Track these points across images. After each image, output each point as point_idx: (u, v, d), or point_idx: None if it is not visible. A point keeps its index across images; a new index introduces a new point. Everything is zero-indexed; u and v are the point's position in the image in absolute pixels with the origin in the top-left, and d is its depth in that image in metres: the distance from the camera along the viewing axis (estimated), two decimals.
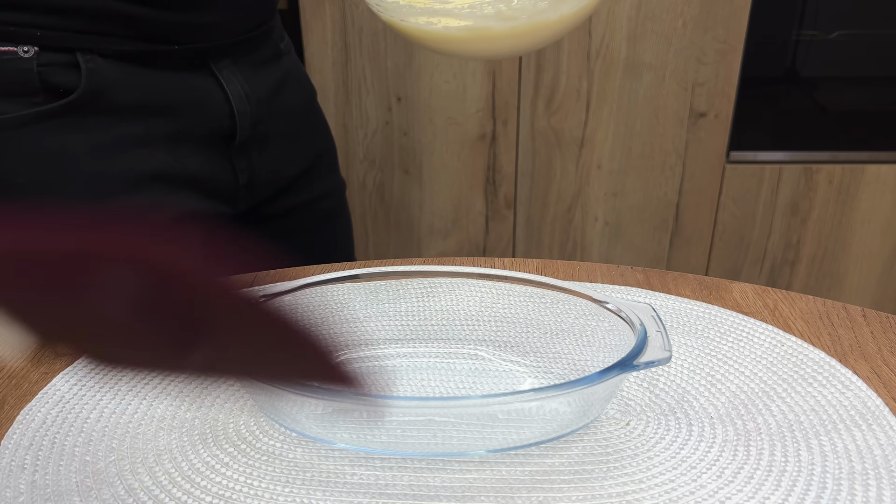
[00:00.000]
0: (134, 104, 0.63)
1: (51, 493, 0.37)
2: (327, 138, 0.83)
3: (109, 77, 0.61)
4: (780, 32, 1.50)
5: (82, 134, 0.61)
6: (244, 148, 0.70)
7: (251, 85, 0.69)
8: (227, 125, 0.68)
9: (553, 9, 0.51)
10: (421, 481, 0.38)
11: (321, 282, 0.49)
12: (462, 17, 0.51)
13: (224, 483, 0.38)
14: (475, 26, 0.51)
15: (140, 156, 0.64)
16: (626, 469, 0.39)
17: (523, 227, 1.55)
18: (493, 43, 0.53)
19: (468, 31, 0.52)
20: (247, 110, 0.69)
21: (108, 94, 0.61)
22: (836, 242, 1.54)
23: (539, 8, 0.50)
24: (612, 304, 0.44)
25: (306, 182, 0.79)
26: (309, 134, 0.79)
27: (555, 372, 0.47)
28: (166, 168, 0.66)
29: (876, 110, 1.55)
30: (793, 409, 0.43)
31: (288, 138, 0.75)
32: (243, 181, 0.72)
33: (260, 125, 0.71)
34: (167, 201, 0.66)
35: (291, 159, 0.76)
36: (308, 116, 0.79)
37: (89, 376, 0.46)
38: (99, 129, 0.62)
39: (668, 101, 1.43)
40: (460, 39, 0.53)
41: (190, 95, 0.66)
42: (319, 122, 0.82)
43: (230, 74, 0.68)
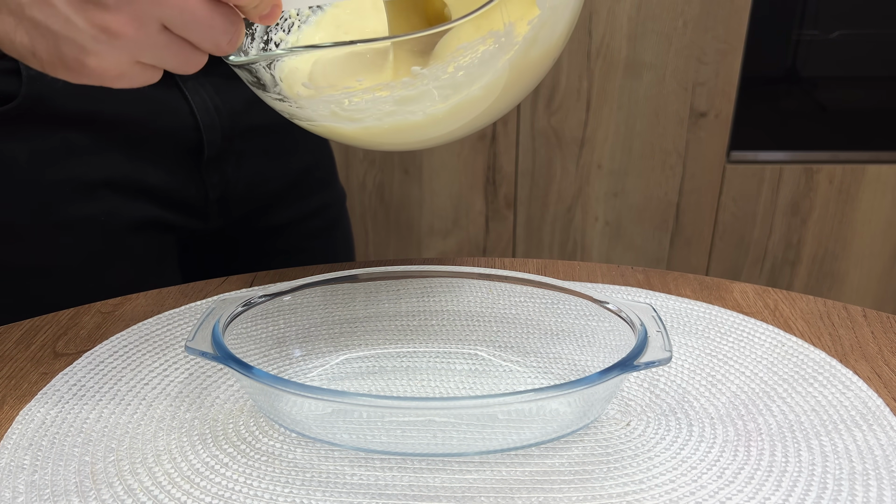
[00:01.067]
0: (80, 113, 0.61)
1: (50, 494, 0.37)
2: (322, 152, 0.79)
3: (52, 85, 0.59)
4: (781, 32, 1.50)
5: (23, 141, 0.60)
6: (217, 162, 0.68)
7: (223, 97, 0.67)
8: (193, 138, 0.66)
9: (406, 110, 0.43)
10: (421, 481, 0.38)
11: (321, 282, 0.48)
12: (299, 114, 0.45)
13: (224, 483, 0.38)
14: (321, 124, 0.45)
15: (91, 163, 0.62)
16: (627, 469, 0.39)
17: (523, 227, 1.55)
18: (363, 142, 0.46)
19: (321, 127, 0.45)
20: (215, 123, 0.66)
21: (52, 101, 0.59)
22: (836, 242, 1.53)
23: (384, 110, 0.43)
24: (613, 304, 0.44)
25: (294, 199, 0.75)
26: (298, 148, 0.75)
27: (555, 372, 0.47)
28: (122, 176, 0.64)
29: (877, 110, 1.55)
30: (793, 409, 0.43)
31: (271, 153, 0.72)
32: (214, 196, 0.69)
33: (236, 139, 0.68)
34: (123, 208, 0.64)
35: (272, 175, 0.72)
36: (297, 131, 0.76)
37: (89, 377, 0.46)
38: (41, 137, 0.60)
39: (669, 101, 1.43)
40: (327, 135, 0.47)
41: (146, 106, 0.63)
42: (311, 137, 0.79)
43: (197, 86, 0.65)
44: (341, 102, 0.42)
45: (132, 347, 0.49)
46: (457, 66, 0.41)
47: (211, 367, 0.47)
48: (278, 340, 0.48)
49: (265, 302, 0.46)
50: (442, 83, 0.41)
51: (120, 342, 0.50)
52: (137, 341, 0.50)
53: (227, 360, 0.39)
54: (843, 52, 1.50)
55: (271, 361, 0.47)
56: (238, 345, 0.44)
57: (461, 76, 0.41)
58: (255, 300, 0.46)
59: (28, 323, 0.53)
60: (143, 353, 0.49)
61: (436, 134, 0.45)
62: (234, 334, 0.44)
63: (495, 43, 0.40)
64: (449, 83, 0.41)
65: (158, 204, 0.66)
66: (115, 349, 0.49)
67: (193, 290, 0.58)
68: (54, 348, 0.50)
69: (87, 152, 0.62)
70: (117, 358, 0.48)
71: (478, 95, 0.42)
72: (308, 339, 0.49)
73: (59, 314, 0.54)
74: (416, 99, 0.42)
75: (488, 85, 0.42)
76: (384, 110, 0.42)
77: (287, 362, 0.48)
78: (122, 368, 0.47)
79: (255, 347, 0.46)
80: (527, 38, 0.41)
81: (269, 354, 0.47)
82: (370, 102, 0.42)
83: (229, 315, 0.43)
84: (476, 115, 0.44)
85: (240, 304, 0.45)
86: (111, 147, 0.63)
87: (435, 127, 0.44)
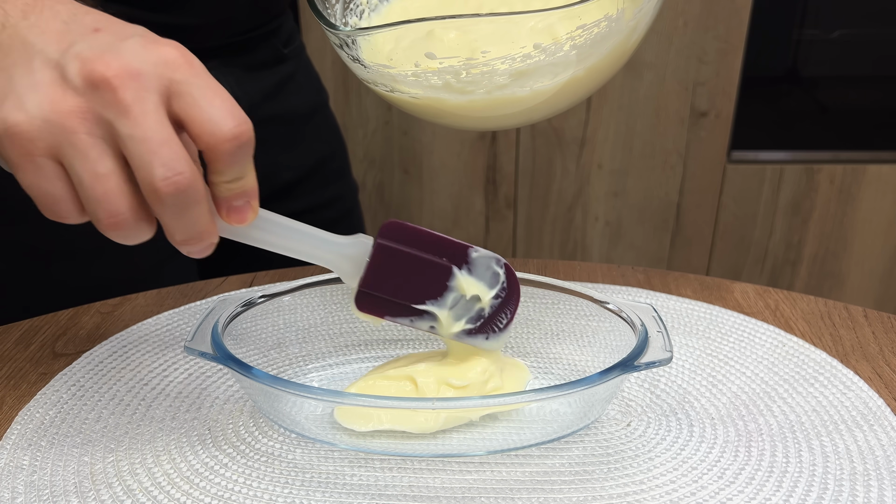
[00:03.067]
0: None
1: (49, 494, 0.37)
2: (335, 144, 0.81)
3: None
4: (782, 32, 1.50)
5: None
6: None
7: (243, 88, 0.68)
8: None
9: (517, 84, 0.44)
10: (421, 482, 0.38)
11: (321, 282, 0.48)
12: (409, 84, 0.45)
13: (223, 484, 0.38)
14: (427, 96, 0.45)
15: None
16: (627, 470, 0.38)
17: (523, 226, 1.54)
18: (459, 116, 0.47)
19: (425, 100, 0.46)
20: None
21: None
22: (837, 242, 1.53)
23: (497, 83, 0.44)
24: (613, 304, 0.44)
25: (309, 189, 0.77)
26: (312, 140, 0.76)
27: (555, 372, 0.47)
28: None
29: (877, 110, 1.55)
30: (794, 409, 0.43)
31: (287, 143, 0.73)
32: None
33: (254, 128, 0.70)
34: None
35: (288, 165, 0.74)
36: (312, 122, 0.77)
37: (88, 377, 0.46)
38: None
39: (669, 101, 1.43)
40: (422, 109, 0.47)
41: None
42: (326, 128, 0.80)
43: (218, 76, 0.66)
44: (459, 73, 0.43)
45: (132, 347, 0.49)
46: (573, 44, 0.42)
47: (210, 368, 0.47)
48: (278, 340, 0.48)
49: (265, 302, 0.46)
50: (556, 60, 0.43)
51: (119, 342, 0.50)
52: (137, 341, 0.50)
53: (226, 360, 0.38)
54: (843, 51, 1.50)
55: (271, 361, 0.47)
56: (238, 345, 0.44)
57: (573, 55, 0.43)
58: (254, 300, 0.46)
59: (27, 323, 0.53)
60: (142, 353, 0.49)
61: (532, 109, 0.46)
62: (233, 334, 0.44)
63: (608, 26, 0.42)
64: (562, 60, 0.43)
65: None
66: (114, 349, 0.49)
67: (193, 290, 0.58)
68: (53, 348, 0.50)
69: None
70: (117, 358, 0.48)
71: (580, 77, 0.44)
72: (308, 339, 0.49)
73: (58, 314, 0.54)
74: (530, 74, 0.43)
75: (592, 67, 0.44)
76: (497, 83, 0.44)
77: (287, 362, 0.48)
78: (122, 369, 0.47)
79: (255, 347, 0.46)
80: (630, 24, 0.44)
81: (269, 354, 0.47)
82: (487, 75, 0.43)
83: (229, 315, 0.43)
84: (577, 96, 0.46)
85: (239, 304, 0.44)
86: None
87: (535, 103, 0.45)
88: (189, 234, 0.35)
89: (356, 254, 0.41)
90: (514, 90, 0.44)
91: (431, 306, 0.41)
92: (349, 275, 0.41)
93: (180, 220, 0.35)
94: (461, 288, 0.41)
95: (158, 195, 0.34)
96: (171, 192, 0.34)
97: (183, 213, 0.34)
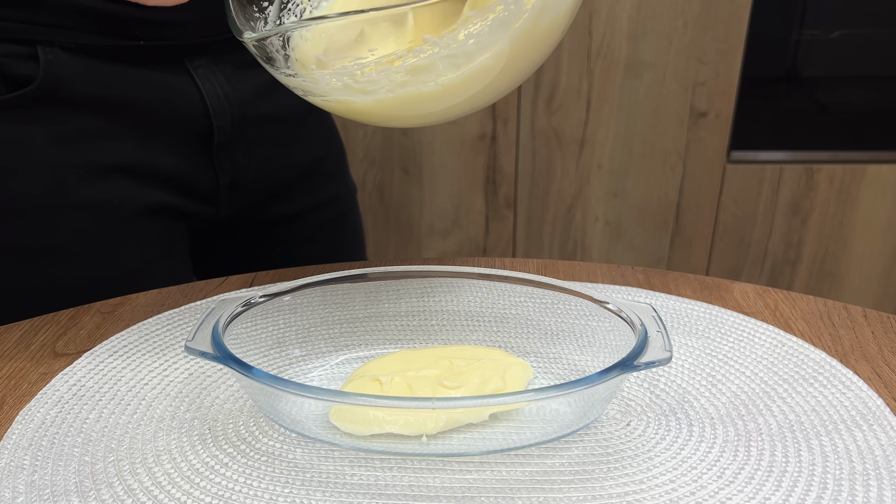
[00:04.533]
0: (96, 97, 0.62)
1: (49, 494, 0.37)
2: (332, 144, 0.81)
3: (69, 69, 0.60)
4: (781, 32, 1.50)
5: (40, 124, 0.61)
6: (227, 149, 0.69)
7: (233, 85, 0.68)
8: (204, 125, 0.67)
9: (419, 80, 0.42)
10: (421, 481, 0.38)
11: (321, 282, 0.48)
12: (312, 89, 0.44)
13: (223, 484, 0.38)
14: (334, 98, 0.44)
15: (106, 147, 0.63)
16: (627, 470, 0.39)
17: (523, 227, 1.55)
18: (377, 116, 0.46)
19: (334, 102, 0.45)
20: (225, 110, 0.67)
21: (68, 86, 0.61)
22: (836, 242, 1.53)
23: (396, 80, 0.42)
24: (613, 304, 0.44)
25: (305, 189, 0.76)
26: (308, 139, 0.76)
27: (555, 372, 0.47)
28: (136, 161, 0.65)
29: (877, 110, 1.55)
30: (793, 409, 0.43)
31: (281, 142, 0.73)
32: (225, 182, 0.70)
33: (246, 127, 0.70)
34: (135, 193, 0.65)
35: (282, 164, 0.74)
36: (308, 122, 0.77)
37: (88, 377, 0.46)
38: (58, 120, 0.61)
39: (669, 101, 1.43)
40: (339, 111, 0.46)
41: (158, 92, 0.64)
42: (323, 128, 0.79)
43: (207, 73, 0.66)
44: (354, 74, 0.42)
45: (132, 347, 0.49)
46: (467, 33, 0.41)
47: (211, 368, 0.47)
48: (278, 340, 0.48)
49: (265, 302, 0.46)
50: (452, 51, 0.41)
51: (120, 342, 0.50)
52: (137, 341, 0.50)
53: (226, 360, 0.39)
54: (843, 52, 1.50)
55: (271, 361, 0.47)
56: (238, 345, 0.44)
57: (472, 44, 0.41)
58: (255, 300, 0.46)
59: (28, 323, 0.53)
60: (142, 353, 0.49)
61: (448, 105, 0.45)
62: (233, 334, 0.44)
63: (504, 10, 0.41)
64: (460, 51, 0.41)
65: (170, 190, 0.68)
66: (114, 349, 0.49)
67: (193, 290, 0.58)
68: (54, 348, 0.50)
69: (101, 136, 0.63)
70: (117, 358, 0.48)
71: (487, 65, 0.43)
72: (308, 339, 0.49)
73: (58, 314, 0.54)
74: (428, 68, 0.42)
75: (497, 54, 0.42)
76: (397, 81, 0.42)
77: (287, 362, 0.48)
78: (122, 368, 0.47)
79: (255, 347, 0.46)
80: (536, 6, 0.42)
81: (269, 354, 0.47)
82: (382, 73, 0.42)
83: (229, 315, 0.43)
84: (486, 85, 0.44)
85: (240, 304, 0.45)
86: (125, 132, 0.64)
87: (447, 98, 0.44)
88: None
89: None
90: (418, 86, 0.43)
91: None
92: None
93: None
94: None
95: None
96: None
97: None
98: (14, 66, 0.59)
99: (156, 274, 0.67)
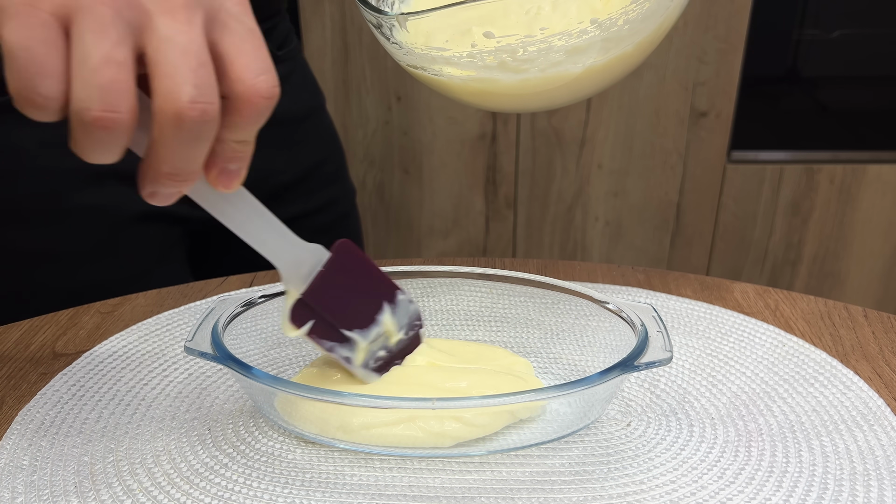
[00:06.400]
0: None
1: (49, 494, 0.37)
2: (331, 148, 0.80)
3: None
4: (782, 31, 1.50)
5: (34, 129, 0.60)
6: None
7: None
8: None
9: (571, 60, 0.43)
10: (421, 482, 0.38)
11: None
12: (462, 66, 0.44)
13: (223, 484, 0.38)
14: (480, 77, 0.45)
15: None
16: (627, 470, 0.38)
17: (523, 227, 1.54)
18: (509, 97, 0.46)
19: (476, 81, 0.45)
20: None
21: None
22: (837, 242, 1.53)
23: (552, 60, 0.43)
24: (613, 304, 0.44)
25: (302, 192, 0.76)
26: (306, 143, 0.76)
27: (555, 372, 0.47)
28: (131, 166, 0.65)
29: (877, 109, 1.55)
30: (794, 409, 0.43)
31: (280, 145, 0.73)
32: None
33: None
34: (130, 198, 0.65)
35: (281, 167, 0.74)
36: (308, 124, 0.77)
37: (88, 377, 0.46)
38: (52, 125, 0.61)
39: (669, 101, 1.43)
40: (471, 92, 0.46)
41: None
42: (322, 131, 0.79)
43: None
44: (516, 52, 0.43)
45: (132, 347, 0.49)
46: (626, 19, 0.42)
47: (210, 368, 0.47)
48: (278, 340, 0.48)
49: (265, 302, 0.46)
50: (610, 35, 0.43)
51: (119, 342, 0.50)
52: (137, 341, 0.50)
53: (226, 360, 0.38)
54: (843, 51, 1.50)
55: (271, 361, 0.47)
56: (238, 345, 0.44)
57: (626, 29, 0.43)
58: (254, 300, 0.46)
59: (27, 323, 0.53)
60: (142, 353, 0.49)
61: (581, 88, 0.46)
62: (233, 334, 0.44)
63: (656, 1, 0.43)
64: (615, 35, 0.43)
65: None
66: (114, 349, 0.49)
67: (193, 290, 0.58)
68: (54, 348, 0.50)
69: None
70: (117, 358, 0.48)
71: (628, 52, 0.44)
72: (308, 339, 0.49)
73: (58, 314, 0.54)
74: (585, 50, 0.43)
75: (640, 43, 0.44)
76: (552, 60, 0.43)
77: (287, 362, 0.48)
78: (122, 368, 0.47)
79: (255, 347, 0.46)
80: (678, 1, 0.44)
81: (269, 354, 0.47)
82: (543, 52, 0.43)
83: (229, 315, 0.43)
84: (622, 72, 0.46)
85: (239, 304, 0.44)
86: None
87: (585, 81, 0.45)
88: (180, 168, 0.31)
89: (310, 261, 0.40)
90: (568, 67, 0.44)
91: (357, 335, 0.42)
92: (295, 280, 0.40)
93: (183, 150, 0.31)
94: (385, 324, 0.42)
95: (179, 117, 0.29)
96: (196, 119, 0.29)
97: (192, 145, 0.31)
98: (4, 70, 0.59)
99: (153, 279, 0.67)
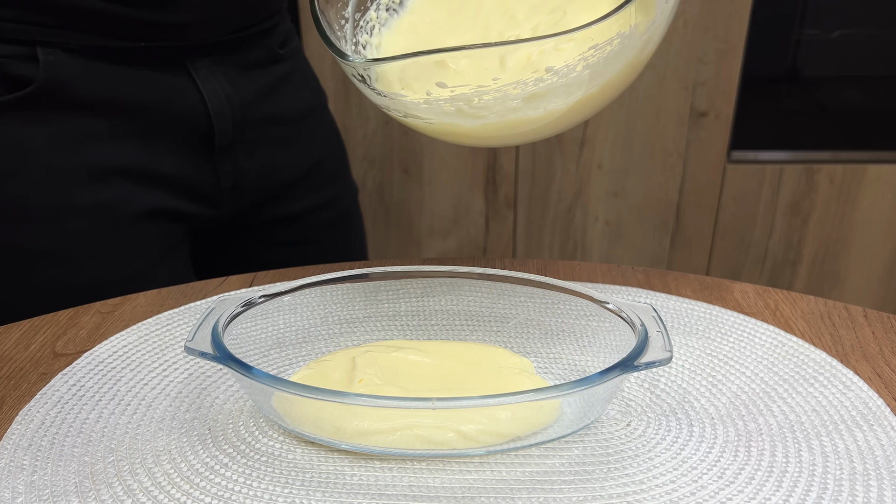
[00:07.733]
0: (97, 99, 0.62)
1: (49, 494, 0.37)
2: (333, 146, 0.81)
3: (70, 71, 0.60)
4: (781, 32, 1.50)
5: (40, 126, 0.61)
6: (228, 150, 0.69)
7: (234, 87, 0.68)
8: (205, 126, 0.67)
9: (530, 106, 0.43)
10: (421, 481, 0.38)
11: (321, 282, 0.48)
12: (421, 111, 0.44)
13: (223, 484, 0.38)
14: (441, 121, 0.45)
15: (107, 149, 0.63)
16: (627, 470, 0.38)
17: (523, 227, 1.54)
18: (475, 138, 0.46)
19: (439, 125, 0.45)
20: (226, 112, 0.67)
21: (69, 87, 0.61)
22: (837, 242, 1.53)
23: (510, 107, 0.43)
24: (613, 304, 0.44)
25: (304, 190, 0.77)
26: (308, 141, 0.76)
27: (555, 372, 0.47)
28: (137, 163, 0.65)
29: (877, 110, 1.55)
30: (794, 409, 0.43)
31: (282, 143, 0.73)
32: (226, 184, 0.70)
33: (248, 128, 0.70)
34: (136, 196, 0.65)
35: (284, 165, 0.74)
36: (309, 123, 0.77)
37: (88, 377, 0.46)
38: (59, 122, 0.61)
39: (669, 101, 1.43)
40: (437, 132, 0.47)
41: (160, 94, 0.65)
42: (324, 129, 0.80)
43: (209, 75, 0.67)
44: (471, 100, 0.43)
45: (132, 347, 0.49)
46: (585, 64, 0.42)
47: (210, 368, 0.47)
48: (278, 340, 0.48)
49: (265, 302, 0.46)
50: (569, 81, 0.42)
51: (119, 342, 0.50)
52: (137, 341, 0.50)
53: (226, 360, 0.39)
54: (843, 51, 1.50)
55: (271, 361, 0.47)
56: (238, 345, 0.44)
57: (586, 74, 0.42)
58: (254, 300, 0.46)
59: (27, 323, 0.53)
60: (142, 353, 0.49)
61: (544, 125, 0.46)
62: (233, 334, 0.44)
63: (620, 43, 0.42)
64: (575, 81, 0.43)
65: (171, 192, 0.67)
66: (114, 349, 0.49)
67: (193, 290, 0.58)
68: (54, 348, 0.50)
69: (102, 138, 0.63)
70: (117, 358, 0.48)
71: (594, 94, 0.44)
72: (308, 339, 0.49)
73: (58, 314, 0.54)
74: (544, 96, 0.43)
75: (606, 84, 0.44)
76: (509, 107, 0.43)
77: (287, 362, 0.48)
78: (122, 369, 0.47)
79: (255, 347, 0.46)
80: (643, 38, 0.43)
81: (269, 354, 0.47)
82: (499, 100, 0.43)
83: (229, 315, 0.43)
84: (589, 111, 0.46)
85: (239, 304, 0.44)
86: (126, 134, 0.64)
87: (548, 122, 0.45)
88: None
89: None
90: (527, 112, 0.44)
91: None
92: None
93: None
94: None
95: None
96: None
97: None
98: (14, 66, 0.59)
99: (156, 276, 0.67)
